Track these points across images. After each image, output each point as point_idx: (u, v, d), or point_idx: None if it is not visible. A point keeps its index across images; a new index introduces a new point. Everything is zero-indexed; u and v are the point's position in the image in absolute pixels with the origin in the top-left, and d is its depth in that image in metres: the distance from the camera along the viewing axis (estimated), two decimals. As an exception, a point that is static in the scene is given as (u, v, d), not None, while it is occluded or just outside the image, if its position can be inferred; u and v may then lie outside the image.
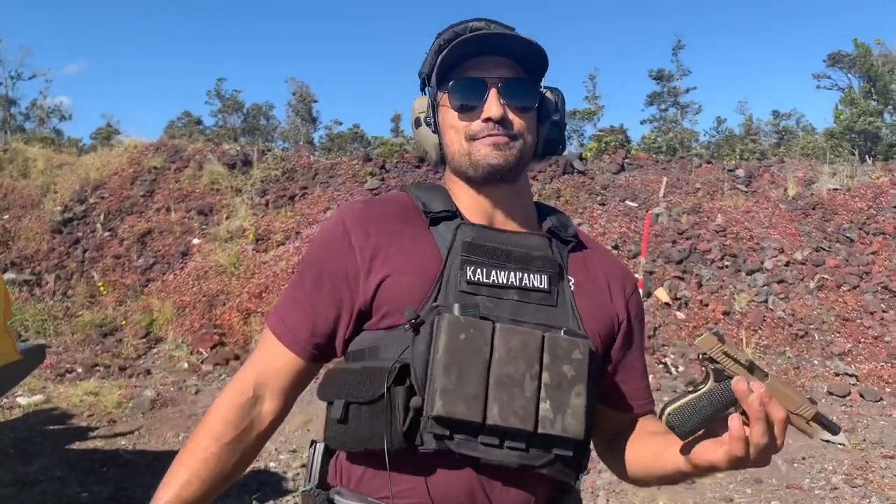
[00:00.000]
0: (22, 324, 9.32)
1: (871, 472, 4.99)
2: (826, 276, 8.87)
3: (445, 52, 1.18)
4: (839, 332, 8.10)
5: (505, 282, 1.15)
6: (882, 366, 7.49)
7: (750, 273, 9.09)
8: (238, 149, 13.56)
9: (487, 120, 1.17)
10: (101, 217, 11.78)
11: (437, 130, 1.26)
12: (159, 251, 10.92)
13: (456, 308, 1.06)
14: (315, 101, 20.18)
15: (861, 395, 6.93)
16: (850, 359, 7.70)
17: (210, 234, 11.06)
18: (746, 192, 11.26)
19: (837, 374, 7.43)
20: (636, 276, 8.23)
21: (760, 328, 8.21)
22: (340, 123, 17.89)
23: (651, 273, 9.05)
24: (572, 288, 1.21)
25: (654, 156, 13.61)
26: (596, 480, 4.92)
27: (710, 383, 1.02)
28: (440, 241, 1.18)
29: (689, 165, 12.40)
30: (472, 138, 1.19)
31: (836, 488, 4.77)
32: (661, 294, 8.78)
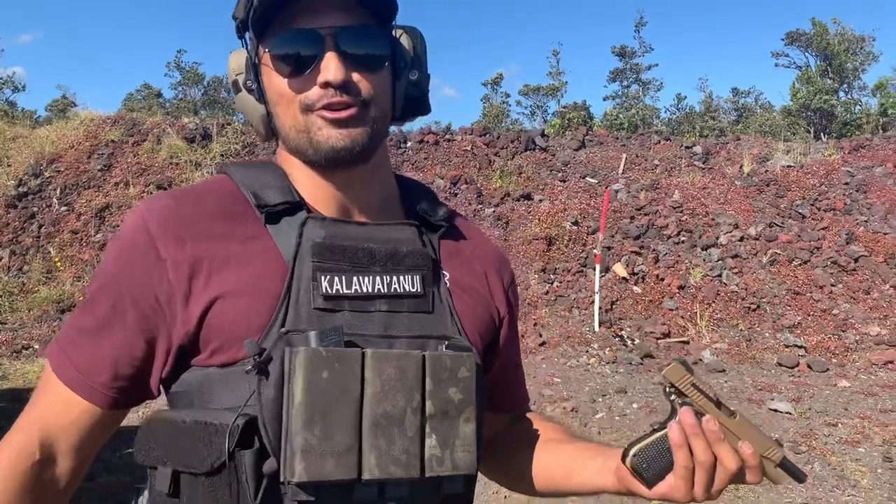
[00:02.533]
0: (-24, 300, 9.17)
1: (815, 439, 5.21)
2: (778, 252, 9.12)
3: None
4: (790, 306, 8.35)
5: (371, 290, 0.93)
6: (829, 338, 7.76)
7: (705, 248, 9.30)
8: (197, 122, 13.36)
9: (326, 85, 0.90)
10: (58, 191, 11.55)
11: (262, 98, 0.98)
12: (118, 226, 10.75)
13: (313, 337, 0.84)
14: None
15: (809, 366, 7.18)
16: (799, 331, 7.95)
17: (170, 209, 10.94)
18: (703, 168, 11.47)
19: (787, 346, 7.68)
20: (594, 252, 8.38)
21: (714, 302, 8.43)
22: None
23: (609, 248, 9.21)
24: (448, 285, 1.01)
25: (614, 132, 13.76)
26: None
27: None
28: (282, 243, 0.93)
29: (648, 142, 12.58)
30: (308, 109, 0.92)
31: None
32: (619, 269, 8.95)
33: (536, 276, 8.90)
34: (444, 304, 0.99)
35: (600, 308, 8.12)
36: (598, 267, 8.23)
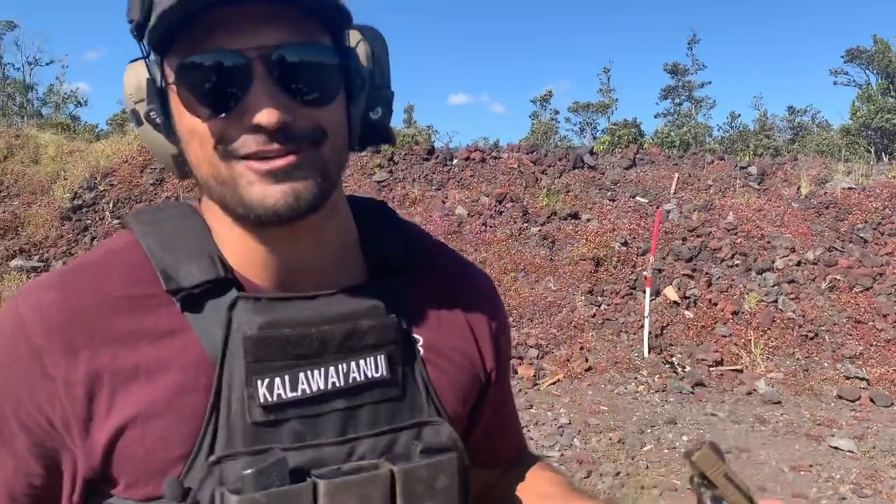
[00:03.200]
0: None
1: (881, 481, 4.89)
2: (838, 277, 8.73)
3: (160, 8, 0.65)
4: (850, 335, 7.96)
5: (323, 387, 0.73)
6: (894, 370, 7.35)
7: (760, 272, 8.95)
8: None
9: (257, 128, 0.67)
10: (110, 205, 11.76)
11: (172, 133, 0.74)
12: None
13: (249, 479, 0.66)
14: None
15: (872, 400, 6.80)
16: (861, 362, 7.56)
17: (217, 224, 11.03)
18: (759, 189, 11.11)
19: (848, 378, 7.30)
20: (644, 274, 8.13)
21: (770, 329, 8.09)
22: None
23: (660, 271, 8.93)
24: (422, 353, 0.82)
25: (666, 151, 13.47)
26: (597, 484, 4.84)
27: None
28: (206, 337, 0.72)
29: (701, 162, 12.25)
30: (231, 155, 0.69)
31: (843, 498, 4.67)
32: (670, 293, 8.66)
33: (583, 297, 8.67)
34: (419, 380, 0.81)
35: (650, 333, 7.85)
36: (648, 290, 7.97)
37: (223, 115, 0.68)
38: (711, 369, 7.52)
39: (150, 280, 0.74)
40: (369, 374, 0.76)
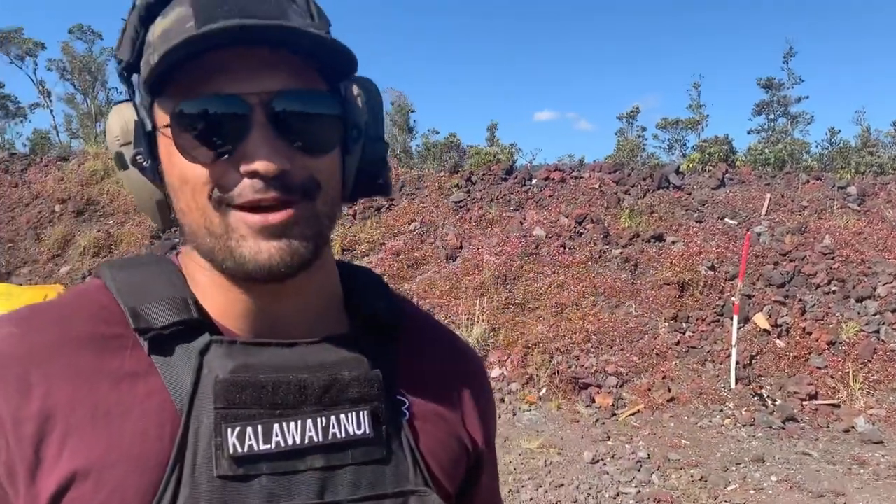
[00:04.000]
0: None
1: None
2: (948, 307, 8.08)
3: (160, 50, 0.63)
4: (962, 370, 7.34)
5: (300, 441, 0.67)
6: None
7: (860, 300, 8.38)
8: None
9: (254, 175, 0.64)
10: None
11: (159, 179, 0.72)
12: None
13: None
14: (412, 112, 20.29)
15: None
16: (974, 400, 6.95)
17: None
18: (859, 211, 10.46)
19: (959, 417, 6.71)
20: (733, 300, 7.73)
21: (870, 361, 7.54)
22: (437, 132, 17.88)
23: (749, 297, 8.49)
24: (408, 416, 0.77)
25: (759, 168, 12.89)
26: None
27: None
28: (173, 382, 0.67)
29: (796, 181, 11.65)
30: (225, 203, 0.66)
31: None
32: (760, 320, 8.21)
33: (667, 324, 8.32)
34: (404, 444, 0.74)
35: (737, 363, 7.44)
36: (736, 317, 7.57)
37: (220, 159, 0.65)
38: (805, 403, 7.06)
39: (118, 321, 0.70)
40: (351, 431, 0.70)
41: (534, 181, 11.56)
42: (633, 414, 6.90)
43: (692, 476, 5.40)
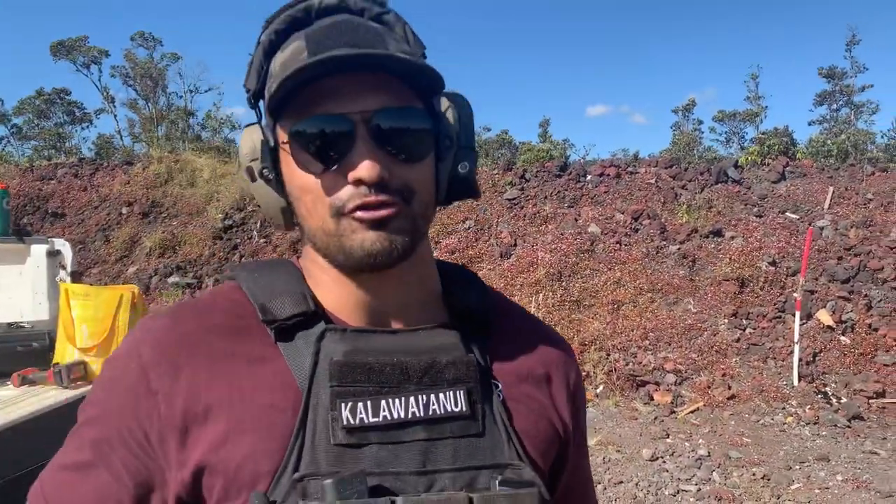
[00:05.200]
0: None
1: None
2: None
3: (279, 78, 0.74)
4: None
5: (404, 415, 0.77)
6: None
7: (930, 295, 8.13)
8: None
9: (359, 182, 0.75)
10: (258, 225, 12.43)
11: (282, 189, 0.83)
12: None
13: (329, 488, 0.70)
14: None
15: None
16: None
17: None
18: (928, 203, 10.13)
19: None
20: (795, 296, 7.59)
21: (941, 358, 7.32)
22: (489, 129, 17.85)
23: (812, 293, 8.32)
24: (501, 397, 0.84)
25: (821, 160, 12.57)
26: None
27: None
28: (295, 364, 0.78)
29: (860, 174, 11.33)
30: (339, 212, 0.77)
31: None
32: (824, 316, 8.04)
33: (726, 321, 8.21)
34: (499, 422, 0.82)
35: (800, 360, 7.30)
36: (798, 313, 7.43)
37: (331, 170, 0.76)
38: (871, 401, 6.89)
39: (249, 314, 0.82)
40: (449, 408, 0.78)
41: (588, 177, 11.51)
42: (692, 411, 6.84)
43: (754, 474, 5.34)
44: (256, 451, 0.74)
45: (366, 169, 0.74)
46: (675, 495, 5.09)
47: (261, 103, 0.85)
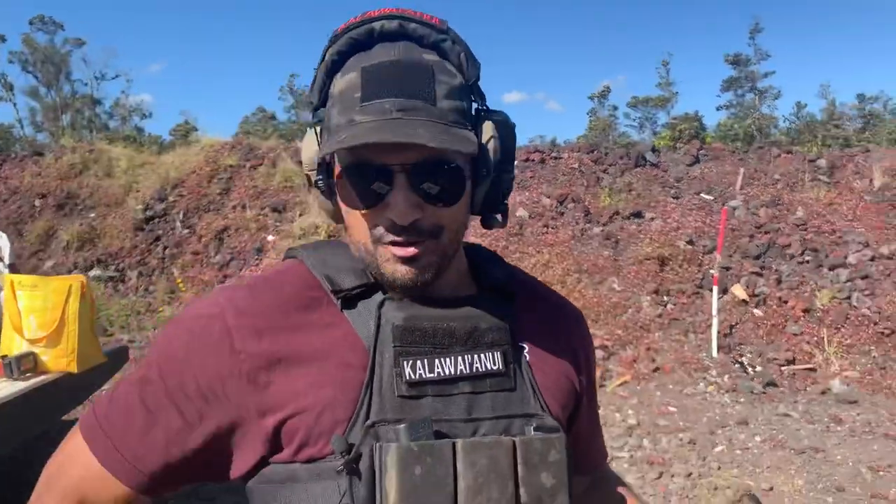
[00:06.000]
0: (107, 318, 9.73)
1: (964, 482, 4.74)
2: (916, 272, 8.46)
3: (335, 116, 0.87)
4: (930, 331, 7.71)
5: (454, 372, 0.89)
6: (977, 367, 7.10)
7: (833, 268, 8.74)
8: (311, 146, 13.79)
9: (392, 223, 0.86)
10: (181, 215, 12.16)
11: (333, 198, 0.94)
12: (235, 248, 11.22)
13: (403, 432, 0.82)
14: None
15: (954, 399, 6.58)
16: (941, 359, 7.32)
17: (284, 231, 11.31)
18: (829, 183, 10.82)
19: (928, 376, 7.08)
20: (711, 272, 8.02)
21: (844, 326, 7.90)
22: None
23: (727, 269, 8.80)
24: (528, 359, 0.97)
25: (730, 144, 13.22)
26: (668, 485, 4.83)
27: None
28: (360, 328, 0.89)
29: (768, 156, 11.99)
30: (377, 241, 0.88)
31: (925, 500, 4.55)
32: (738, 291, 8.53)
33: (649, 297, 8.60)
34: (526, 379, 0.95)
35: (718, 332, 7.75)
36: (715, 288, 7.87)
37: (373, 207, 0.86)
38: (783, 368, 7.39)
39: (315, 287, 0.93)
40: (488, 366, 0.91)
41: (515, 163, 11.76)
42: (620, 385, 7.17)
43: (681, 439, 5.67)
44: (334, 402, 0.85)
45: (399, 214, 0.84)
46: (609, 462, 5.37)
47: (318, 113, 0.94)
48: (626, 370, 7.44)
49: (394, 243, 0.86)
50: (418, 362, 0.88)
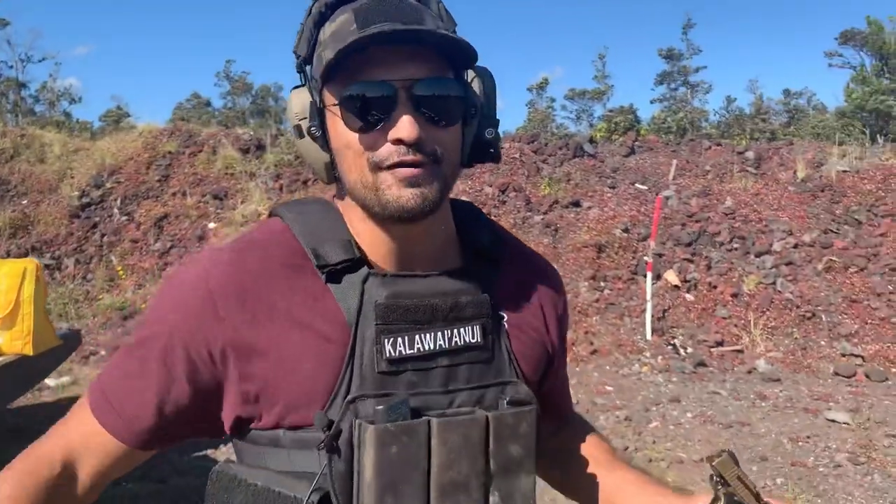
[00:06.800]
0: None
1: (875, 450, 5.14)
2: (834, 259, 8.98)
3: (334, 48, 0.83)
4: (846, 314, 8.22)
5: (433, 347, 0.92)
6: (888, 346, 7.61)
7: (759, 255, 9.20)
8: (251, 133, 13.70)
9: (398, 142, 0.85)
10: (118, 202, 11.95)
11: (326, 145, 0.93)
12: (176, 235, 11.10)
13: (381, 413, 0.84)
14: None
15: (867, 376, 7.06)
16: (856, 340, 7.81)
17: (225, 219, 11.24)
18: (756, 174, 11.34)
19: (844, 355, 7.56)
20: (646, 259, 8.37)
21: (768, 310, 8.34)
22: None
23: (661, 256, 9.18)
24: (507, 328, 1.00)
25: (664, 136, 13.69)
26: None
27: None
28: (344, 302, 0.91)
29: (699, 148, 12.47)
30: (377, 167, 0.87)
31: (839, 465, 4.92)
32: (671, 276, 8.91)
33: (587, 283, 8.91)
34: (503, 348, 0.99)
35: (652, 316, 8.10)
36: (649, 274, 8.21)
37: (373, 129, 0.86)
38: (713, 350, 7.78)
39: (301, 255, 0.93)
40: (467, 340, 0.94)
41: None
42: (560, 366, 7.44)
43: (618, 416, 5.96)
44: (313, 375, 0.88)
45: (406, 130, 0.83)
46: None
47: (308, 68, 0.94)
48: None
49: (399, 165, 0.85)
50: (399, 339, 0.90)
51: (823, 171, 11.13)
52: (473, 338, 0.95)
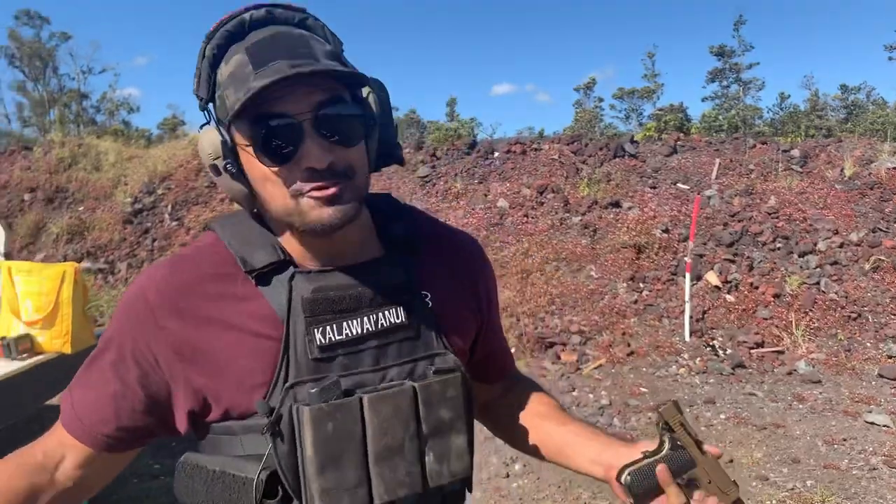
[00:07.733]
0: (98, 309, 9.91)
1: (914, 454, 5.02)
2: (882, 258, 8.74)
3: (237, 98, 0.90)
4: (894, 315, 8.00)
5: (361, 332, 1.01)
6: (937, 348, 7.38)
7: (802, 255, 9.01)
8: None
9: (311, 170, 0.93)
10: (169, 207, 12.35)
11: (244, 179, 0.99)
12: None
13: (315, 396, 0.93)
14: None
15: (913, 378, 6.86)
16: (904, 341, 7.60)
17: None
18: (801, 172, 11.10)
19: (890, 357, 7.36)
20: (685, 260, 8.28)
21: (811, 310, 8.17)
22: (397, 109, 18.09)
23: (701, 256, 9.07)
24: (430, 304, 1.09)
25: (712, 135, 13.46)
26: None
27: (666, 450, 1.08)
28: (274, 301, 1.00)
29: (743, 146, 12.26)
30: (298, 193, 0.94)
31: (874, 469, 4.82)
32: (712, 277, 8.80)
33: (625, 284, 8.86)
34: (429, 323, 1.08)
35: (691, 317, 8.01)
36: (688, 275, 8.12)
37: (288, 162, 0.93)
38: (752, 351, 7.66)
39: (231, 263, 1.03)
40: (393, 321, 1.04)
41: (496, 154, 11.99)
42: (596, 368, 7.43)
43: (650, 418, 5.94)
44: (253, 368, 0.98)
45: (316, 159, 0.92)
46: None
47: (210, 106, 1.00)
48: (602, 354, 7.70)
49: (316, 189, 0.93)
50: (328, 328, 0.99)
51: (873, 168, 10.83)
52: (398, 318, 1.04)
